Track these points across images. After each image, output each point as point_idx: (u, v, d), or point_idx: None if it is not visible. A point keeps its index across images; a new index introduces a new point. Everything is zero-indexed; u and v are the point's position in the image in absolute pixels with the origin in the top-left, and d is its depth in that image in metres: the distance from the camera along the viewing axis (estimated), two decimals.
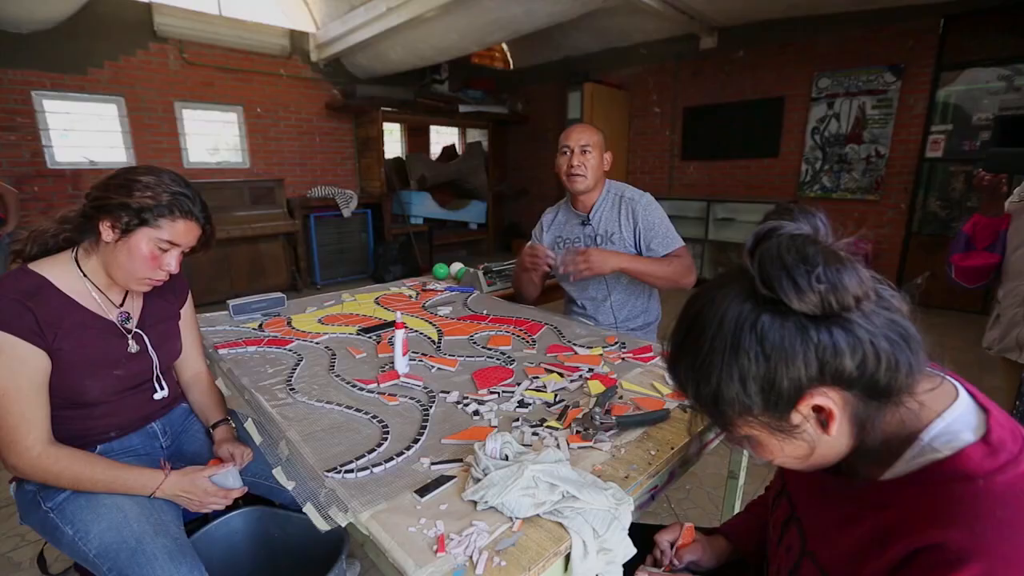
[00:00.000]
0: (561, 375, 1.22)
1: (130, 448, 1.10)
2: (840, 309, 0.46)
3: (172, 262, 1.02)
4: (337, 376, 1.23)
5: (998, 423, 0.49)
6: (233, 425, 1.21)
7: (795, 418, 0.50)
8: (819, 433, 0.51)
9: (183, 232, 1.00)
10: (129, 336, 1.06)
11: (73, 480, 0.93)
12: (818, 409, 0.49)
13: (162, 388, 1.13)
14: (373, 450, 0.90)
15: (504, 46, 7.13)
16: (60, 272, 0.99)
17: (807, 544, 0.61)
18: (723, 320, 0.49)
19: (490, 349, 1.42)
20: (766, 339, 0.47)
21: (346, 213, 5.57)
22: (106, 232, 0.96)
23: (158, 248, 0.99)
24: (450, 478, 0.82)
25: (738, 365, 0.48)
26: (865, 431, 0.51)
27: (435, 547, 0.67)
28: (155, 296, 1.14)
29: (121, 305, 1.07)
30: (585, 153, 1.67)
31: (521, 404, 1.08)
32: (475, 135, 7.48)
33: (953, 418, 0.50)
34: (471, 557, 0.65)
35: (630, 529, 0.74)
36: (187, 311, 1.24)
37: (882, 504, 0.51)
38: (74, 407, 1.00)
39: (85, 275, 1.01)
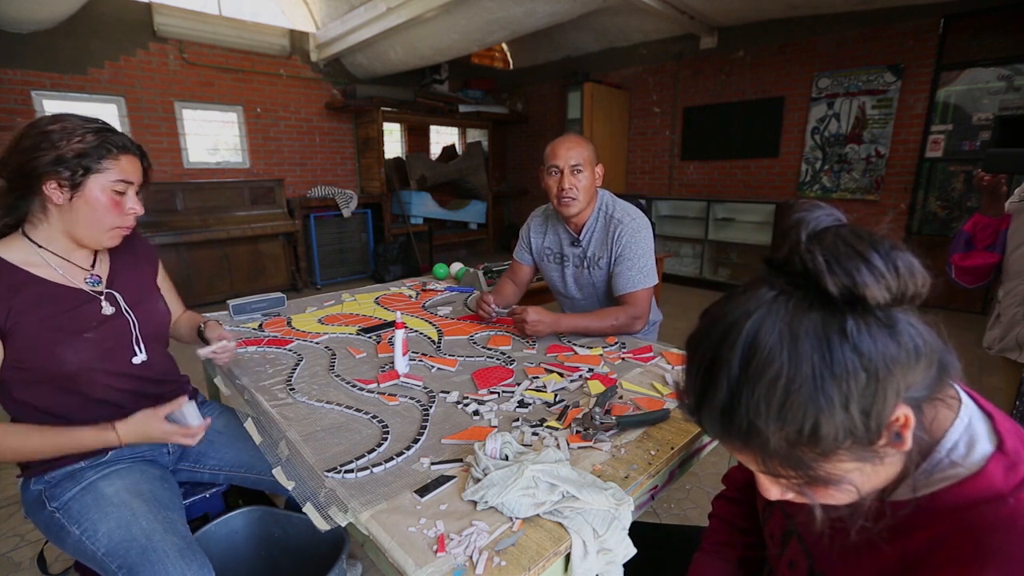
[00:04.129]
0: (561, 375, 1.22)
1: (139, 454, 1.10)
2: (913, 296, 0.41)
3: (134, 204, 0.99)
4: (337, 376, 1.23)
5: (1006, 430, 0.47)
6: (221, 324, 1.26)
7: (883, 437, 0.42)
8: (893, 449, 0.43)
9: (130, 168, 0.97)
10: (101, 297, 1.03)
11: (13, 453, 0.89)
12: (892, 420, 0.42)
13: (141, 352, 1.06)
14: (373, 450, 0.91)
15: (504, 46, 7.13)
16: (12, 249, 0.95)
17: (815, 563, 0.58)
18: (796, 337, 0.40)
19: (490, 349, 1.42)
20: (861, 348, 0.39)
21: (346, 213, 5.57)
22: (54, 195, 0.92)
23: (114, 192, 0.95)
24: (450, 478, 0.82)
25: (838, 387, 0.39)
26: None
27: (435, 547, 0.67)
28: (121, 256, 1.12)
29: (93, 267, 1.04)
30: (576, 174, 1.50)
31: (521, 404, 1.08)
32: (475, 135, 7.47)
33: (964, 426, 0.48)
34: (471, 557, 0.65)
35: (630, 529, 0.74)
36: (162, 279, 1.23)
37: (905, 528, 0.47)
38: (64, 391, 0.97)
39: (41, 246, 0.97)
